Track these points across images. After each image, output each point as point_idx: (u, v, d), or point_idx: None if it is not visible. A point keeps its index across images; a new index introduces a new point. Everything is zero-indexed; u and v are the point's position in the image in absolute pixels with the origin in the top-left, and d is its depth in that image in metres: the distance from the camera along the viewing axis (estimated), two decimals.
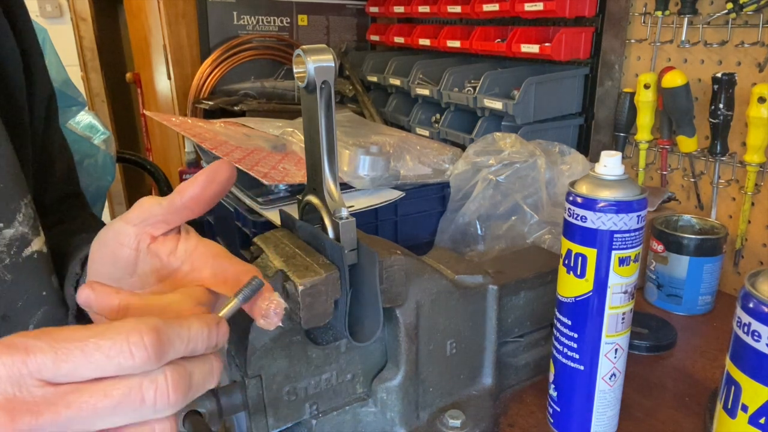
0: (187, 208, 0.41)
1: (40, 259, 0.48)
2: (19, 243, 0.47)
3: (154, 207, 0.40)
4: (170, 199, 0.40)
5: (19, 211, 0.47)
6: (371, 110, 1.38)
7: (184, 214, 0.41)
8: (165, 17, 1.46)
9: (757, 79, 0.83)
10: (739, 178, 0.88)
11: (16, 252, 0.47)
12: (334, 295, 0.48)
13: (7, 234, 0.47)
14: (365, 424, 0.57)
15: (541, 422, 0.61)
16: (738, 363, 0.43)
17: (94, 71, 2.64)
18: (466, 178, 0.90)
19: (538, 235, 0.84)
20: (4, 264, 0.46)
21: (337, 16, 1.64)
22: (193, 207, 0.41)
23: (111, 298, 0.37)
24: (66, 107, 1.03)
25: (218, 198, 0.41)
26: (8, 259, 0.47)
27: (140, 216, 0.41)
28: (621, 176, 0.51)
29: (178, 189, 0.40)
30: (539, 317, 0.68)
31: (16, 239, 0.47)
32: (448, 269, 0.61)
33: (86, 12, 2.57)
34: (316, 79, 0.46)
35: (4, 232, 0.47)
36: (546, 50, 1.04)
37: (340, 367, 0.55)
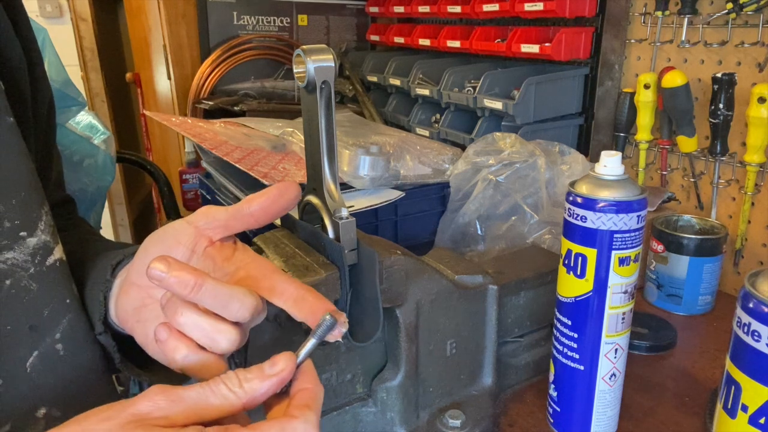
0: (252, 217, 0.42)
1: (62, 267, 0.48)
2: (42, 251, 0.46)
3: (219, 212, 0.42)
4: (237, 207, 0.42)
5: (41, 219, 0.47)
6: (371, 110, 1.38)
7: (248, 222, 0.42)
8: (165, 17, 1.46)
9: (757, 79, 0.83)
10: (739, 178, 0.88)
11: (40, 261, 0.46)
12: (333, 295, 0.48)
13: (31, 243, 0.46)
14: (365, 424, 0.57)
15: (541, 422, 0.61)
16: (738, 363, 0.43)
17: (94, 71, 2.64)
18: (466, 178, 0.90)
19: (538, 235, 0.84)
20: (29, 273, 0.46)
21: (337, 16, 1.64)
22: (258, 217, 0.42)
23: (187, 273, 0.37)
24: (66, 107, 1.03)
25: (282, 214, 0.43)
26: (33, 268, 0.46)
27: (204, 219, 0.42)
28: (621, 176, 0.51)
29: (247, 199, 0.42)
30: (539, 317, 0.68)
31: (39, 248, 0.46)
32: (448, 269, 0.61)
33: (86, 12, 2.57)
34: (316, 79, 0.46)
35: (28, 240, 0.46)
36: (546, 50, 1.04)
37: (340, 367, 0.55)
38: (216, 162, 1.01)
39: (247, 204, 0.42)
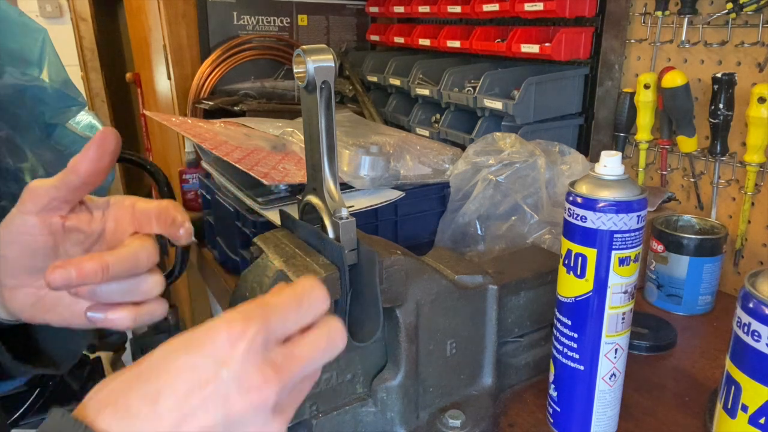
0: (86, 184, 0.41)
1: None
2: None
3: (50, 191, 0.40)
4: (65, 180, 0.40)
5: None
6: (371, 110, 1.38)
7: (84, 190, 0.41)
8: (165, 17, 1.45)
9: (757, 79, 0.83)
10: (739, 178, 0.87)
11: None
12: (334, 295, 0.48)
13: None
14: (365, 424, 0.57)
15: (541, 422, 0.61)
16: (738, 363, 0.43)
17: (94, 71, 2.64)
18: (466, 178, 0.90)
19: (538, 235, 0.84)
20: None
21: (337, 16, 1.64)
22: (91, 182, 0.41)
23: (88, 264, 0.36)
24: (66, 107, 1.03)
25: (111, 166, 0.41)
26: None
27: (38, 204, 0.40)
28: (621, 176, 0.51)
29: (71, 167, 0.40)
30: (539, 317, 0.68)
31: None
32: (448, 269, 0.61)
33: (86, 12, 2.57)
34: (316, 79, 0.46)
35: None
36: (546, 50, 1.04)
37: (340, 367, 0.55)
38: (216, 162, 1.02)
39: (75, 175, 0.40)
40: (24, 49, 0.91)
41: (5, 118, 0.87)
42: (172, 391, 0.28)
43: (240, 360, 0.29)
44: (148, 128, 2.14)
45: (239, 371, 0.29)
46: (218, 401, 0.28)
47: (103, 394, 0.29)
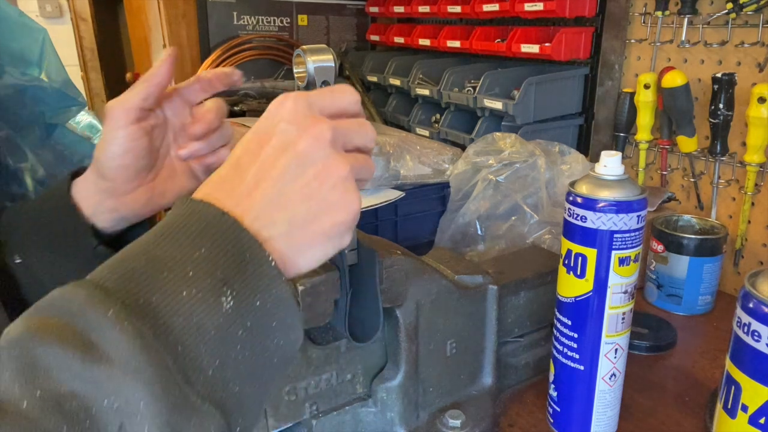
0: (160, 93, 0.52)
1: None
2: None
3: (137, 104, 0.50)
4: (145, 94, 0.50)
5: None
6: (371, 110, 1.38)
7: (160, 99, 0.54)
8: (165, 17, 1.45)
9: (757, 79, 0.83)
10: (739, 178, 0.87)
11: None
12: (334, 295, 0.48)
13: None
14: (365, 424, 0.57)
15: (541, 422, 0.61)
16: (738, 363, 0.43)
17: (94, 71, 2.64)
18: (466, 178, 0.90)
19: (538, 235, 0.84)
20: None
21: (337, 16, 1.64)
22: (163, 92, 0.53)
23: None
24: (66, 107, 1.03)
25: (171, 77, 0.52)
26: None
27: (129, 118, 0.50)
28: (621, 176, 0.51)
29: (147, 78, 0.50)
30: (539, 317, 0.68)
31: None
32: (448, 269, 0.61)
33: (86, 12, 2.57)
34: (316, 79, 0.46)
35: None
36: (546, 50, 1.04)
37: (340, 367, 0.55)
38: None
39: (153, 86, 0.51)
40: (24, 49, 0.91)
41: (5, 118, 0.87)
42: (246, 153, 0.35)
43: (291, 111, 0.35)
44: None
45: (293, 119, 0.34)
46: (284, 145, 0.34)
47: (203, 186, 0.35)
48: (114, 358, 0.26)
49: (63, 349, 0.26)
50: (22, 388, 0.25)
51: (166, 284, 0.29)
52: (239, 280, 0.31)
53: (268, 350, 0.32)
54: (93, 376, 0.26)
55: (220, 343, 0.30)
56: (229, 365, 0.30)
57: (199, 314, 0.29)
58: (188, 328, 0.29)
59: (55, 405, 0.25)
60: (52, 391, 0.26)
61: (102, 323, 0.27)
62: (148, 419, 0.26)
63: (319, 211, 0.34)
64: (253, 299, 0.31)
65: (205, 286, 0.30)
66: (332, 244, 0.35)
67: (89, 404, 0.26)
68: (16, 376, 0.26)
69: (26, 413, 0.25)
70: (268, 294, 0.32)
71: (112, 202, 0.53)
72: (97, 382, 0.26)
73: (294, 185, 0.34)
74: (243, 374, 0.31)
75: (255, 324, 0.31)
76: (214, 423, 0.29)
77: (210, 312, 0.30)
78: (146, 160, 0.53)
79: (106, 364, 0.26)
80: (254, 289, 0.31)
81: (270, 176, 0.34)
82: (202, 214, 0.32)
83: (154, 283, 0.29)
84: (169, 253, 0.31)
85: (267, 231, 0.33)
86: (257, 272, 0.31)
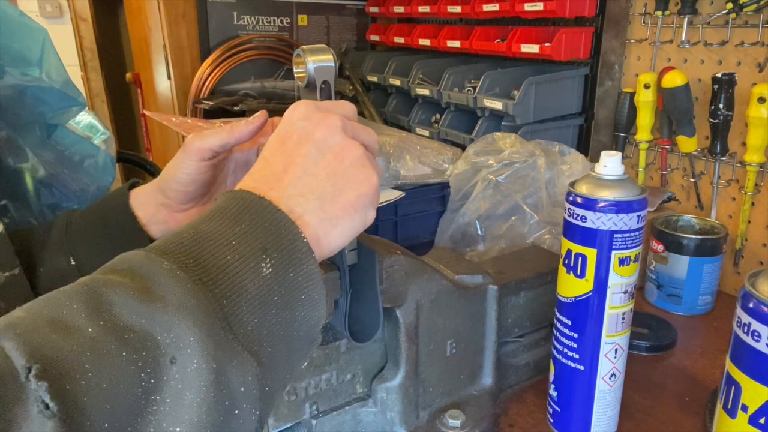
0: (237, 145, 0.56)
1: None
2: None
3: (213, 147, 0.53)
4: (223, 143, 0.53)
5: None
6: (371, 110, 1.38)
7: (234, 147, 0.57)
8: (165, 17, 1.45)
9: (757, 79, 0.83)
10: (739, 178, 0.87)
11: None
12: (334, 295, 0.48)
13: None
14: (365, 424, 0.57)
15: (541, 422, 0.61)
16: (738, 363, 0.43)
17: (94, 71, 2.64)
18: (466, 178, 0.90)
19: (538, 235, 0.84)
20: None
21: (337, 16, 1.64)
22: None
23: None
24: (66, 107, 1.03)
25: None
26: None
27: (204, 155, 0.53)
28: (621, 176, 0.51)
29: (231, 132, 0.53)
30: (539, 317, 0.68)
31: None
32: (448, 269, 0.61)
33: (86, 12, 2.57)
34: (316, 79, 0.46)
35: None
36: (546, 50, 1.04)
37: (340, 367, 0.55)
38: None
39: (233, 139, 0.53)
40: (24, 49, 0.91)
41: (5, 118, 0.88)
42: (271, 149, 0.40)
43: (303, 111, 0.41)
44: (148, 128, 2.14)
45: (306, 117, 0.40)
46: (303, 137, 0.39)
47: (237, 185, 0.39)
48: (168, 300, 0.30)
49: (124, 289, 0.30)
50: (89, 317, 0.29)
51: (213, 250, 0.33)
52: (277, 251, 0.35)
53: (296, 320, 0.36)
54: (150, 313, 0.29)
55: (259, 304, 0.33)
56: (265, 326, 0.34)
57: (242, 275, 0.33)
58: (233, 285, 0.33)
59: (117, 334, 0.29)
60: (114, 323, 0.29)
61: (158, 272, 0.31)
62: (198, 353, 0.29)
63: (344, 186, 0.39)
64: (287, 270, 0.35)
65: (247, 252, 0.34)
66: (359, 217, 0.39)
67: (146, 337, 0.29)
68: (84, 307, 0.29)
69: (91, 335, 0.28)
70: (300, 268, 0.35)
71: (165, 216, 0.57)
72: (153, 318, 0.29)
73: (317, 167, 0.39)
74: (275, 337, 0.34)
75: (288, 293, 0.35)
76: (252, 369, 0.32)
77: (251, 274, 0.33)
78: (206, 189, 0.57)
79: (161, 303, 0.30)
80: (289, 261, 0.35)
81: (295, 162, 0.39)
82: (241, 199, 0.36)
83: (202, 248, 0.33)
84: (213, 228, 0.35)
85: (300, 207, 0.37)
86: (291, 246, 0.35)
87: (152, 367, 0.28)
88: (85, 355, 0.27)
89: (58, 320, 0.28)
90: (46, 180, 0.94)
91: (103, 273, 0.32)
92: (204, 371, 0.29)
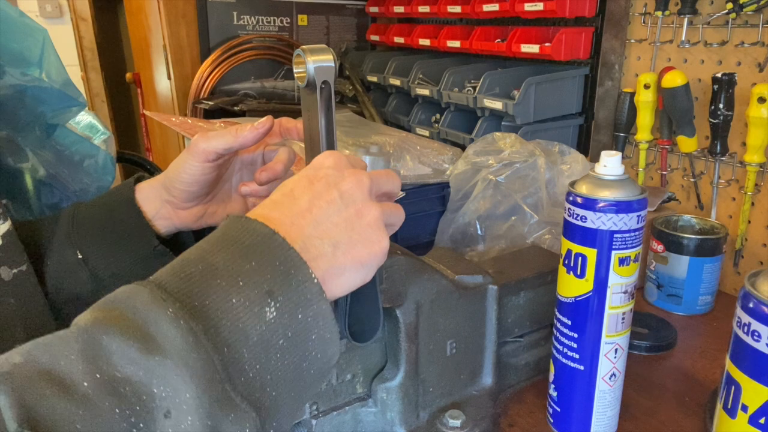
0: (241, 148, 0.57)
1: None
2: None
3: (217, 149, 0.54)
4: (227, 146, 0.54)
5: None
6: (371, 110, 1.38)
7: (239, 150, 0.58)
8: (165, 17, 1.46)
9: (757, 79, 0.83)
10: (739, 178, 0.87)
11: None
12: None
13: None
14: (365, 424, 0.57)
15: (541, 422, 0.61)
16: (738, 363, 0.43)
17: (94, 71, 2.64)
18: (466, 178, 0.90)
19: (538, 235, 0.84)
20: None
21: (337, 16, 1.64)
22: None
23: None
24: (66, 107, 1.03)
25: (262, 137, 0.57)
26: None
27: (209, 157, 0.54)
28: (621, 176, 0.51)
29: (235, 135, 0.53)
30: (539, 317, 0.68)
31: None
32: (448, 269, 0.61)
33: (86, 12, 2.57)
34: (316, 79, 0.46)
35: None
36: (546, 50, 1.04)
37: (340, 367, 0.55)
38: None
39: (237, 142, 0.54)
40: (24, 49, 0.91)
41: (5, 118, 0.88)
42: (298, 186, 0.40)
43: (335, 163, 0.42)
44: (148, 128, 2.14)
45: (336, 168, 0.41)
46: (330, 185, 0.40)
47: (258, 208, 0.39)
48: (168, 351, 0.30)
49: (124, 338, 0.30)
50: (85, 369, 0.29)
51: (219, 290, 0.33)
52: (284, 293, 0.35)
53: (306, 360, 0.36)
54: (148, 365, 0.29)
55: (262, 349, 0.33)
56: (269, 370, 0.34)
57: (244, 320, 0.33)
58: (235, 331, 0.32)
59: (112, 387, 0.28)
60: (111, 375, 0.29)
61: (161, 319, 0.30)
62: (193, 409, 0.29)
63: (358, 241, 0.39)
64: (295, 312, 0.35)
65: (253, 295, 0.34)
66: (363, 273, 0.40)
67: (141, 390, 0.29)
68: (82, 358, 0.29)
69: (85, 392, 0.28)
70: (309, 309, 0.35)
71: (169, 212, 0.58)
72: (151, 370, 0.29)
73: (339, 216, 0.39)
74: (281, 380, 0.34)
75: (295, 335, 0.35)
76: (250, 421, 0.32)
77: (254, 319, 0.33)
78: (211, 188, 0.58)
79: (161, 355, 0.29)
80: (297, 303, 0.35)
81: (320, 205, 0.39)
82: (255, 232, 0.36)
83: (209, 288, 0.33)
84: (223, 262, 0.34)
85: (316, 249, 0.38)
86: (301, 288, 0.35)
87: (146, 421, 0.28)
88: (77, 414, 0.27)
89: (54, 373, 0.28)
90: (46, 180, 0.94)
91: (106, 309, 0.32)
92: (198, 428, 0.29)
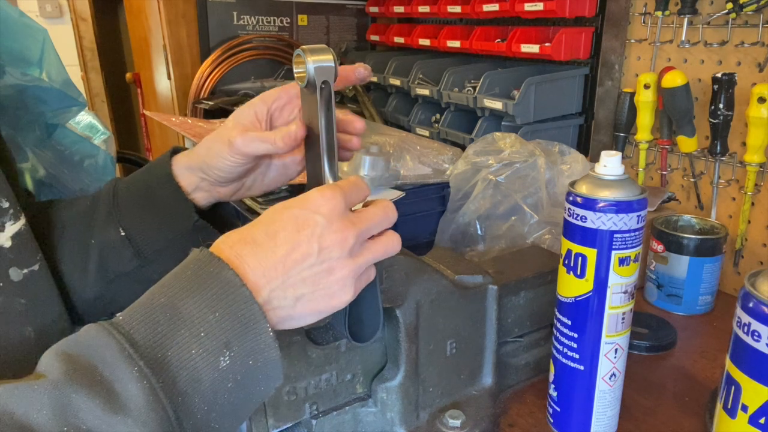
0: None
1: None
2: None
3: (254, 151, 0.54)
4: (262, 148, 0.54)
5: None
6: (371, 110, 1.38)
7: None
8: (165, 17, 1.46)
9: (757, 79, 0.83)
10: (739, 178, 0.87)
11: None
12: None
13: None
14: (365, 424, 0.57)
15: (541, 422, 0.61)
16: (738, 363, 0.43)
17: (94, 71, 2.64)
18: (466, 178, 0.90)
19: (538, 235, 0.84)
20: None
21: (337, 16, 1.64)
22: None
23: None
24: (66, 107, 1.03)
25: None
26: None
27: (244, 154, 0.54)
28: (621, 176, 0.51)
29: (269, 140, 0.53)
30: (539, 317, 0.68)
31: None
32: (448, 269, 0.61)
33: (86, 12, 2.57)
34: (316, 79, 0.46)
35: None
36: (546, 50, 1.04)
37: (340, 367, 0.55)
38: None
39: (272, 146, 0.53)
40: (24, 49, 0.91)
41: (5, 118, 0.88)
42: (284, 229, 0.41)
43: (329, 211, 0.42)
44: (148, 128, 2.14)
45: (328, 218, 0.42)
46: (314, 236, 0.41)
47: (233, 236, 0.41)
48: (130, 410, 0.34)
49: (91, 395, 0.33)
50: (55, 423, 0.32)
51: (182, 342, 0.36)
52: (239, 344, 0.38)
53: (252, 394, 0.40)
54: (111, 421, 0.33)
55: (212, 393, 0.37)
56: (215, 410, 0.38)
57: (200, 370, 0.37)
58: (190, 381, 0.36)
59: None
60: (77, 427, 0.33)
61: (126, 377, 0.34)
62: None
63: (321, 296, 0.42)
64: (246, 360, 0.38)
65: (211, 347, 0.37)
66: (318, 317, 0.43)
67: None
68: (52, 414, 0.33)
69: None
70: (260, 356, 0.39)
71: (207, 186, 0.59)
72: (113, 426, 0.33)
73: (310, 271, 0.41)
74: (225, 414, 0.38)
75: (244, 377, 0.38)
76: None
77: (209, 368, 0.37)
78: (248, 173, 0.59)
79: (123, 414, 0.34)
80: (250, 352, 0.38)
81: (295, 257, 0.41)
82: (226, 281, 0.38)
83: (173, 339, 0.36)
84: (188, 312, 0.37)
85: (278, 302, 0.41)
86: (256, 339, 0.38)
87: None
88: None
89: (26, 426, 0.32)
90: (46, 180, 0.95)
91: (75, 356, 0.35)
92: None
